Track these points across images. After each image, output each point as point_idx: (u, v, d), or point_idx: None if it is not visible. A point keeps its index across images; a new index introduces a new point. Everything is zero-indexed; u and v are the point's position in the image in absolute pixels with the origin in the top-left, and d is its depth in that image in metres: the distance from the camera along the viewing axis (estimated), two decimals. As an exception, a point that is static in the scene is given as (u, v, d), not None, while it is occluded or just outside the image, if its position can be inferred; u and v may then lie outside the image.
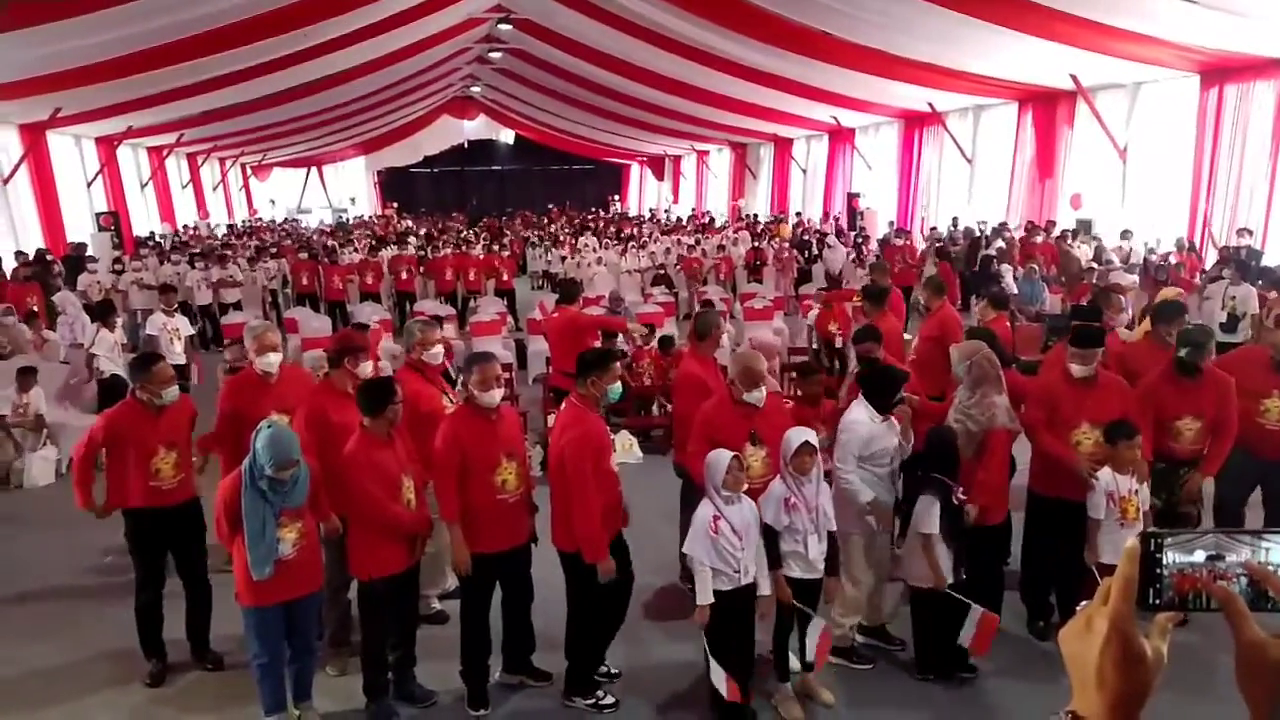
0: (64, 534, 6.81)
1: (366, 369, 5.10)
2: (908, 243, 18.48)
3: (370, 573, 4.32)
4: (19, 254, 15.98)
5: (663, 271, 17.50)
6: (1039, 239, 15.44)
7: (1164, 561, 0.94)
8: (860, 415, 4.78)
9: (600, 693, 4.63)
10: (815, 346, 10.40)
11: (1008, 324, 7.54)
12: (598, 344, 7.06)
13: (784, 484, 4.32)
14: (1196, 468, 5.24)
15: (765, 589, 4.26)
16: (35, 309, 11.72)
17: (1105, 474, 4.81)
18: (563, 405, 4.69)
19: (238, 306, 14.76)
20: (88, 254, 16.85)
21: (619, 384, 4.62)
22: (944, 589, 4.53)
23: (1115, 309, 7.04)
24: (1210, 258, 13.00)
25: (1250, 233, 12.44)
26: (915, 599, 4.81)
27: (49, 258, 16.13)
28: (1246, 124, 13.04)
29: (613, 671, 4.87)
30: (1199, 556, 0.94)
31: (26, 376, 8.73)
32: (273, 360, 5.19)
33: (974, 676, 4.80)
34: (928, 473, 4.61)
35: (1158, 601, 0.94)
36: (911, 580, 4.75)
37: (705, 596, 4.13)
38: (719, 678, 4.11)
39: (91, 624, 5.61)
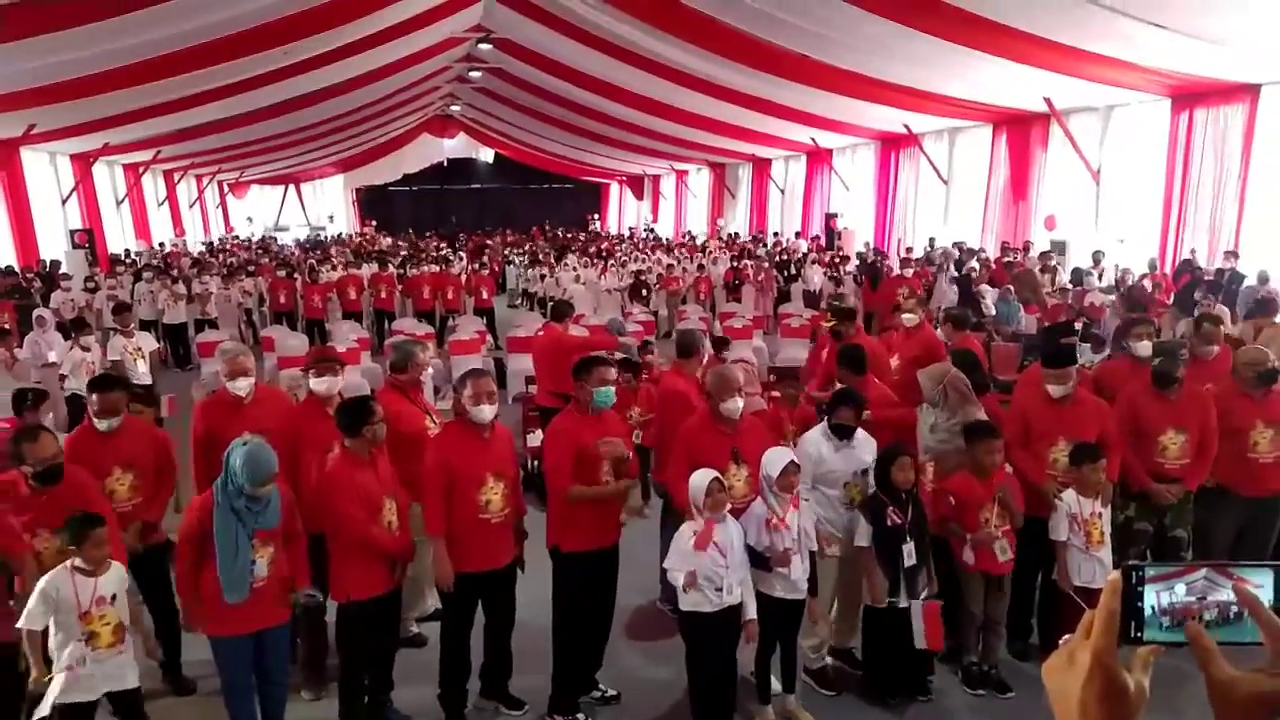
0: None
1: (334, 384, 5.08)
2: (915, 271, 16.09)
3: (350, 595, 4.24)
4: (-7, 270, 15.80)
5: (642, 278, 17.42)
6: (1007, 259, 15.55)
7: (1145, 595, 0.94)
8: (814, 436, 4.85)
9: (580, 715, 4.59)
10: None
11: (976, 343, 7.56)
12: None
13: (765, 504, 4.30)
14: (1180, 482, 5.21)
15: (751, 612, 4.22)
16: (6, 326, 11.54)
17: (1069, 496, 4.84)
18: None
19: (213, 324, 14.63)
20: (61, 271, 16.68)
21: (609, 389, 4.54)
22: (880, 604, 4.54)
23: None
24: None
25: (1236, 255, 12.56)
26: (866, 616, 4.80)
27: (30, 275, 15.95)
28: (1217, 147, 13.23)
29: (608, 694, 4.82)
30: (1180, 591, 0.95)
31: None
32: (242, 385, 5.01)
33: (928, 700, 4.74)
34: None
35: (1139, 635, 0.94)
36: (865, 597, 4.75)
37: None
38: None
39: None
